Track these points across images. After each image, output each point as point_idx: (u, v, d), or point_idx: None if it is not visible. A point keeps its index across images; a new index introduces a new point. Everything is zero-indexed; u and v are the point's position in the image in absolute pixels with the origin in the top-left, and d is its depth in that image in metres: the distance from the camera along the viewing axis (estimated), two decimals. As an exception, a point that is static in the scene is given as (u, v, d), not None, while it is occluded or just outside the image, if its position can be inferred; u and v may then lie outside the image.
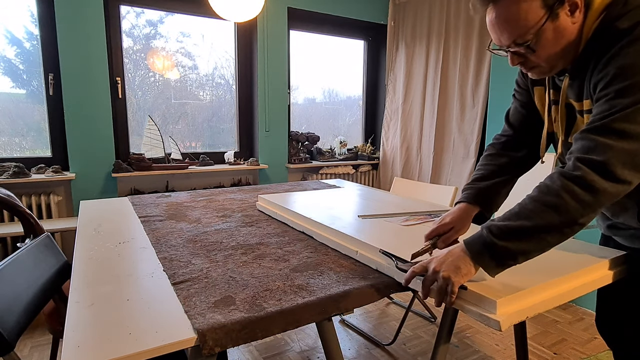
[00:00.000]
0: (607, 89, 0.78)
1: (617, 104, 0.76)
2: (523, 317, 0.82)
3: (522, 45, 0.85)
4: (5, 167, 2.48)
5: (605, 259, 0.99)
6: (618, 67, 0.77)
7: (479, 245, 0.81)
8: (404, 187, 2.22)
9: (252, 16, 2.24)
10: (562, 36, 0.84)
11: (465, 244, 0.84)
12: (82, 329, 0.73)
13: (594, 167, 0.75)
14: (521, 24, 0.83)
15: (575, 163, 0.78)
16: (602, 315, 1.13)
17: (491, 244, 0.79)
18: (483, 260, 0.81)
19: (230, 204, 1.80)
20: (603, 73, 0.80)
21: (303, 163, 3.52)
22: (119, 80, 2.88)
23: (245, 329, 0.76)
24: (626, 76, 0.75)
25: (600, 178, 0.75)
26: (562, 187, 0.77)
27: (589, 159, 0.76)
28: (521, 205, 0.81)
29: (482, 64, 3.02)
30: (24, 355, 1.91)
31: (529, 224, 0.77)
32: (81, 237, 1.29)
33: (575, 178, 0.76)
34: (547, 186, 0.79)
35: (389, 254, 1.01)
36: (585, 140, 0.78)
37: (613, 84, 0.77)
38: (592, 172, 0.75)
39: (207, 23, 3.20)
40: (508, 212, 0.82)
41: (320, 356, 1.95)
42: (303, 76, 3.71)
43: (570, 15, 0.82)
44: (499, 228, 0.80)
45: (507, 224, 0.79)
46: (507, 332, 2.12)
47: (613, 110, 0.76)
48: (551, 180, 0.80)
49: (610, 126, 0.75)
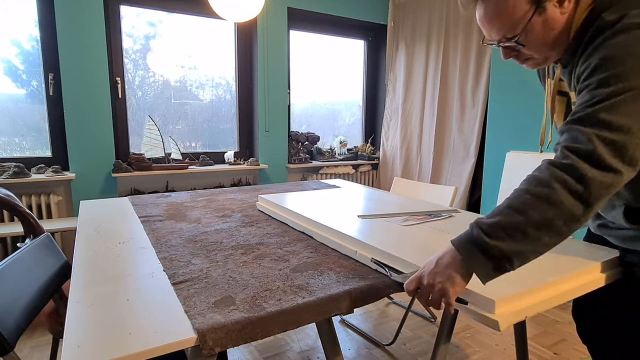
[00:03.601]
0: (588, 80, 0.78)
1: (598, 94, 0.74)
2: (522, 317, 0.82)
3: (512, 40, 0.86)
4: (5, 167, 2.48)
5: (604, 260, 1.00)
6: (600, 58, 0.76)
7: (469, 246, 0.75)
8: (404, 187, 2.22)
9: (252, 16, 2.24)
10: (551, 28, 0.84)
11: (455, 246, 0.78)
12: (82, 329, 0.73)
13: (583, 156, 0.72)
14: (509, 19, 0.83)
15: (563, 151, 0.75)
16: (582, 315, 1.14)
17: (483, 244, 0.73)
18: (476, 263, 0.74)
19: (230, 204, 1.80)
20: (585, 65, 0.79)
21: (303, 163, 3.52)
22: (119, 80, 2.88)
23: (245, 329, 0.76)
24: (607, 67, 0.74)
25: (589, 167, 0.71)
26: (552, 176, 0.73)
27: (577, 148, 0.74)
28: (510, 199, 0.75)
29: (482, 64, 3.02)
30: (24, 355, 1.91)
31: (522, 219, 0.72)
32: (81, 237, 1.29)
33: (565, 166, 0.73)
34: (536, 177, 0.75)
35: (382, 264, 1.01)
36: (570, 131, 0.76)
37: (594, 74, 0.76)
38: (581, 161, 0.72)
39: (207, 23, 3.20)
40: (496, 208, 0.76)
41: (320, 356, 1.95)
42: (303, 76, 3.71)
43: (559, 6, 0.82)
44: (489, 225, 0.74)
45: (498, 220, 0.74)
46: (507, 332, 2.12)
47: (595, 100, 0.74)
48: (540, 170, 0.76)
49: (594, 116, 0.74)
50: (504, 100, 2.73)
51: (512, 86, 2.67)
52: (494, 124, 2.82)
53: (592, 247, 1.10)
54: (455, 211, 1.55)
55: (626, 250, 0.99)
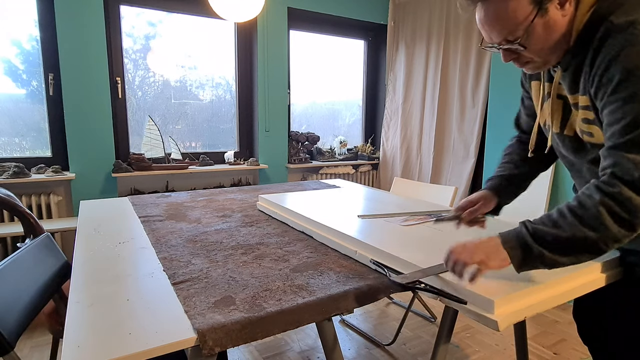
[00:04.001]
0: (615, 94, 0.77)
1: (630, 111, 0.75)
2: (521, 317, 0.82)
3: (513, 43, 0.85)
4: (5, 167, 2.48)
5: (604, 260, 0.99)
6: (622, 71, 0.75)
7: (515, 242, 0.82)
8: (404, 187, 2.22)
9: (252, 16, 2.24)
10: (553, 30, 0.83)
11: (501, 237, 0.84)
12: (82, 329, 0.73)
13: (629, 184, 0.75)
14: (510, 21, 0.82)
15: (611, 179, 0.77)
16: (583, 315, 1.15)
17: (529, 244, 0.80)
18: (516, 255, 0.81)
19: (230, 204, 1.80)
20: (607, 76, 0.78)
21: (303, 163, 3.52)
22: (119, 80, 2.88)
23: (245, 329, 0.76)
24: (634, 81, 0.74)
25: (637, 195, 0.74)
26: (600, 202, 0.77)
27: (622, 175, 0.76)
28: (560, 214, 0.81)
29: (482, 64, 3.02)
30: (24, 355, 1.91)
31: (567, 236, 0.78)
32: (81, 237, 1.29)
33: (612, 195, 0.76)
34: (586, 200, 0.79)
35: (381, 265, 1.01)
36: (613, 157, 0.78)
37: (621, 89, 0.76)
38: (628, 190, 0.75)
39: (207, 23, 3.20)
40: (547, 217, 0.82)
41: (320, 356, 1.95)
42: (303, 76, 3.71)
43: (560, 8, 0.81)
44: (538, 231, 0.80)
45: (546, 230, 0.80)
46: (507, 332, 2.12)
47: (629, 119, 0.75)
48: (589, 192, 0.79)
49: (634, 141, 0.75)
50: (504, 100, 2.73)
51: (512, 86, 2.67)
52: (494, 124, 2.82)
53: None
54: (455, 211, 1.55)
55: (628, 251, 0.99)
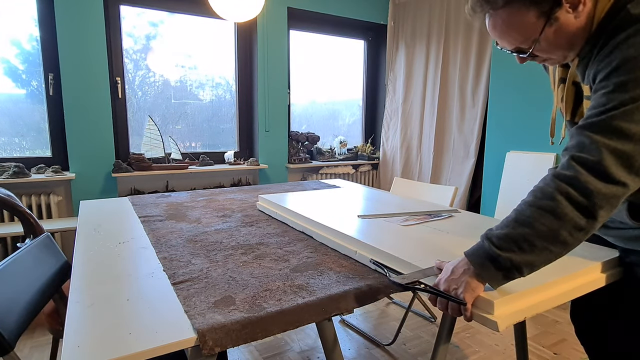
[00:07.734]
0: (606, 80, 0.75)
1: (615, 98, 0.72)
2: (521, 318, 0.82)
3: (525, 52, 0.85)
4: (5, 167, 2.48)
5: (603, 260, 0.99)
6: (622, 59, 0.72)
7: (481, 258, 0.78)
8: (404, 187, 2.22)
9: (252, 16, 2.24)
10: (565, 33, 0.82)
11: (468, 257, 0.81)
12: (82, 329, 0.73)
13: (588, 167, 0.72)
14: (519, 34, 0.82)
15: (569, 162, 0.75)
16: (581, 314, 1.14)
17: (494, 256, 0.76)
18: (489, 273, 0.77)
19: (230, 204, 1.80)
20: (606, 62, 0.76)
21: (303, 163, 3.52)
22: (119, 80, 2.88)
23: (245, 329, 0.76)
24: (628, 69, 0.71)
25: (594, 179, 0.71)
26: (556, 189, 0.74)
27: (583, 158, 0.73)
28: (518, 212, 0.78)
29: (482, 64, 3.02)
30: (24, 355, 1.91)
31: (529, 231, 0.74)
32: (81, 237, 1.29)
33: (569, 179, 0.73)
34: (542, 189, 0.76)
35: (381, 265, 1.01)
36: (580, 136, 0.75)
37: (613, 76, 0.73)
38: (586, 173, 0.72)
39: (207, 23, 3.20)
40: (505, 220, 0.79)
41: (320, 356, 1.95)
42: (303, 76, 3.71)
43: (573, 11, 0.79)
44: (498, 237, 0.77)
45: (507, 232, 0.76)
46: (507, 332, 2.12)
47: (610, 105, 0.72)
48: (545, 182, 0.77)
49: (607, 123, 0.72)
50: (504, 100, 2.73)
51: (512, 86, 2.67)
52: (494, 124, 2.82)
53: (592, 247, 1.10)
54: (456, 211, 1.55)
55: (628, 251, 0.98)
